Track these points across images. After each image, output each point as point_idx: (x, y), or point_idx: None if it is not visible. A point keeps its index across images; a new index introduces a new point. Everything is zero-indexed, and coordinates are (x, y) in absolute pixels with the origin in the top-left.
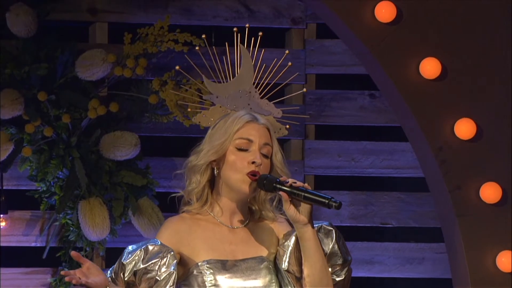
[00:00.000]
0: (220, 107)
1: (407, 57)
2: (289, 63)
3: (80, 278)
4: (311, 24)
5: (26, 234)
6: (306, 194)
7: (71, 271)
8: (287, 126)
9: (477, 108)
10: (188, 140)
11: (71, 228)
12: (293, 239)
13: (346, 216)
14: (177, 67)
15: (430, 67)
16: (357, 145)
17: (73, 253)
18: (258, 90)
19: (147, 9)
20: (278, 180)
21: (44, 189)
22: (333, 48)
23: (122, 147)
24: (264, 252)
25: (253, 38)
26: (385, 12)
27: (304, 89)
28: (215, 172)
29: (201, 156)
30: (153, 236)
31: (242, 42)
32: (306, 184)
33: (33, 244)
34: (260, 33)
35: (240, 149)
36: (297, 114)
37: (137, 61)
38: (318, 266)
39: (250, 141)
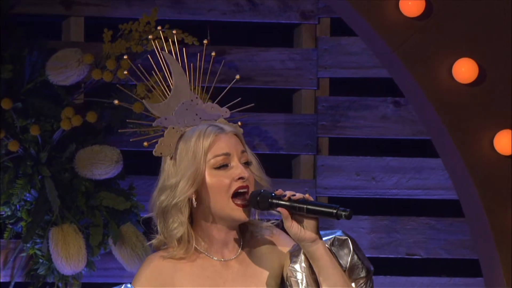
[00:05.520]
0: (173, 128)
1: (437, 58)
2: (213, 53)
3: None
4: (324, 19)
5: None
6: (309, 207)
7: None
8: (239, 123)
9: None
10: None
11: (41, 260)
12: (302, 257)
13: (366, 246)
14: (125, 72)
15: (465, 70)
16: (379, 161)
17: None
18: (197, 93)
19: (130, 1)
20: (273, 194)
21: (9, 214)
22: (350, 48)
23: (101, 164)
24: (265, 284)
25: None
26: (411, 5)
27: (237, 76)
28: (194, 203)
29: (180, 192)
30: (137, 269)
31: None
32: (307, 195)
33: None
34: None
35: (219, 168)
36: (243, 107)
37: (119, 62)
38: (339, 286)
39: (227, 155)
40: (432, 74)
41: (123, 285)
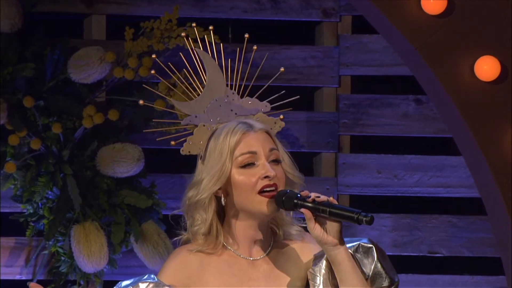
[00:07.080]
0: (204, 125)
1: (459, 56)
2: (254, 47)
3: None
4: (345, 17)
5: (9, 265)
6: (331, 210)
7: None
8: (281, 117)
9: None
10: None
11: (63, 258)
12: (324, 262)
13: (388, 244)
14: (152, 72)
15: (487, 67)
16: (400, 159)
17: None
18: (235, 90)
19: None
20: (299, 195)
21: (31, 211)
22: (371, 45)
23: (123, 162)
24: (290, 285)
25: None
26: (433, 3)
27: (282, 69)
28: (222, 201)
29: (203, 189)
30: (159, 267)
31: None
32: (331, 198)
33: (17, 277)
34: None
35: (245, 166)
36: (287, 99)
37: (141, 60)
38: None
39: (253, 153)
40: (454, 71)
41: (147, 275)
